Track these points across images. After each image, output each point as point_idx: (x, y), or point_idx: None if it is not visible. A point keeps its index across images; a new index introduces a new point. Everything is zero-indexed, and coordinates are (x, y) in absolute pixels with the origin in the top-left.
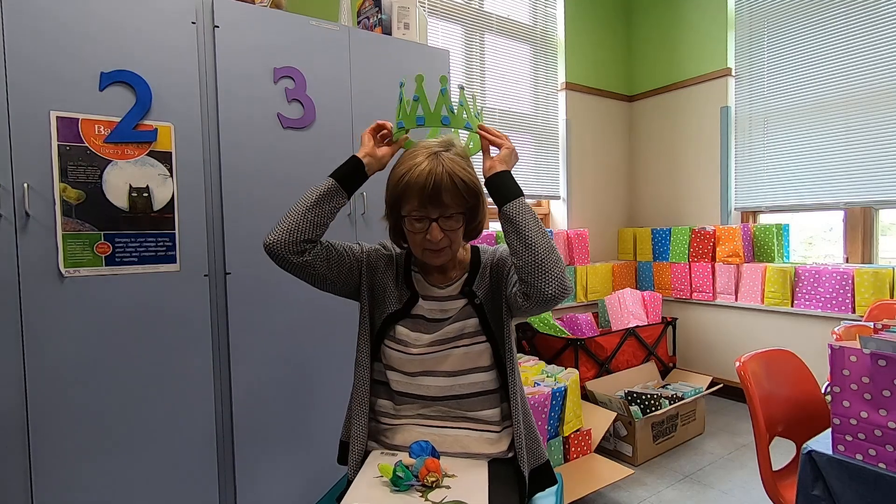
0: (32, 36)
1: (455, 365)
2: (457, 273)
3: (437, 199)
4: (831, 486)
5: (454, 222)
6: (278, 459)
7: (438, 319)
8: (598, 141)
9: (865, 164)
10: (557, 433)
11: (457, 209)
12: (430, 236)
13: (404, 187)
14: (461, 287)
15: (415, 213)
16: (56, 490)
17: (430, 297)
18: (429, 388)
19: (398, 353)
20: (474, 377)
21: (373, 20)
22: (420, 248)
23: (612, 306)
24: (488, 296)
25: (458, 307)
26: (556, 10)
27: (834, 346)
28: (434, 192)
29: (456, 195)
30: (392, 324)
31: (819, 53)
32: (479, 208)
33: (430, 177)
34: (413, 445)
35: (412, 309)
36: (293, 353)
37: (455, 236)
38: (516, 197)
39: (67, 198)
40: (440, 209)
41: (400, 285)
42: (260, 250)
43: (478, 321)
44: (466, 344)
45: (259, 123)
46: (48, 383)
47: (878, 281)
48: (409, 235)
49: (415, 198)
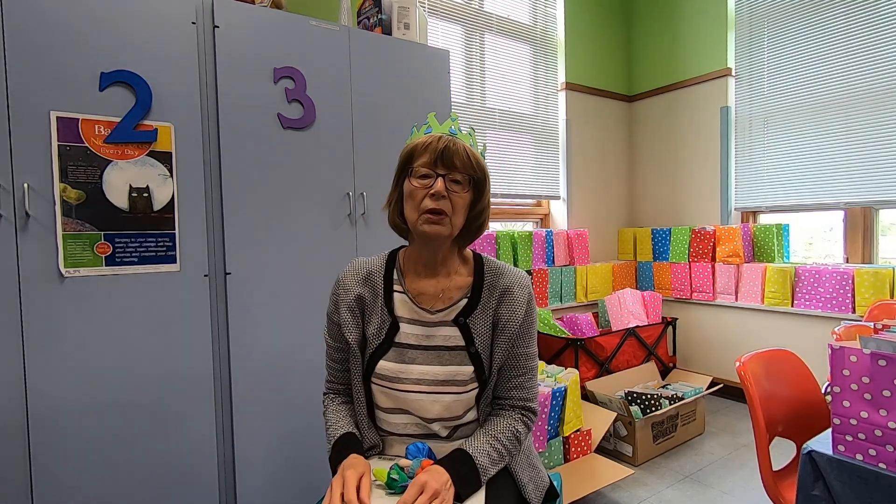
0: (32, 36)
1: (440, 413)
2: (454, 293)
3: (448, 160)
4: (831, 486)
5: (460, 187)
6: (278, 459)
7: (425, 347)
8: (598, 141)
9: (865, 164)
10: (557, 433)
11: (465, 174)
12: (433, 190)
13: (418, 145)
14: (455, 314)
15: (423, 169)
16: (56, 490)
17: (417, 321)
18: (416, 426)
19: (384, 389)
20: (463, 419)
21: (373, 20)
22: (418, 213)
23: (612, 306)
24: (486, 342)
25: (449, 335)
26: (556, 10)
27: (834, 346)
28: (446, 152)
29: (466, 162)
30: (375, 361)
31: (819, 53)
32: (485, 189)
33: (443, 140)
34: (410, 447)
35: (395, 337)
36: (293, 352)
37: (457, 205)
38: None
39: (67, 198)
40: (448, 169)
41: (380, 310)
42: (260, 250)
43: (472, 370)
44: (456, 392)
45: (259, 123)
46: (48, 383)
47: (878, 281)
48: (409, 198)
49: (427, 154)
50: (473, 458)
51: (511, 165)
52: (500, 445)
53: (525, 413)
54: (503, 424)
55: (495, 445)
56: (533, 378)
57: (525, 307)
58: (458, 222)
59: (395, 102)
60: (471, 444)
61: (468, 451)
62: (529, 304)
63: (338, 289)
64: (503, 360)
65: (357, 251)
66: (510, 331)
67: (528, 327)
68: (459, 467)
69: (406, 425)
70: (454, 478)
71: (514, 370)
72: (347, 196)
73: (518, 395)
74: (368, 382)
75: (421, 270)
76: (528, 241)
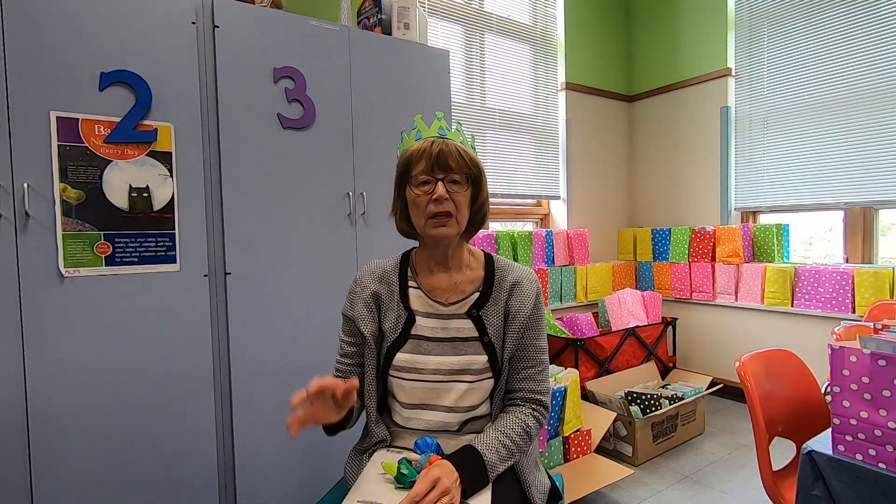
0: (32, 36)
1: (456, 400)
2: (466, 286)
3: (444, 163)
4: (831, 486)
5: (459, 187)
6: (278, 459)
7: (440, 339)
8: (598, 141)
9: (865, 164)
10: (557, 433)
11: (462, 173)
12: (435, 195)
13: (413, 153)
14: (468, 307)
15: (422, 176)
16: (56, 490)
17: (432, 314)
18: (429, 422)
19: (401, 381)
20: (476, 412)
21: (373, 20)
22: (424, 218)
23: (612, 306)
24: (498, 333)
25: (462, 327)
26: (556, 10)
27: (834, 346)
28: (440, 156)
29: (461, 161)
30: (393, 354)
31: (819, 53)
32: (482, 183)
33: (436, 145)
34: (418, 441)
35: (411, 330)
36: (293, 352)
37: (460, 204)
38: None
39: (67, 198)
40: (445, 171)
41: (396, 305)
42: (260, 250)
43: (486, 359)
44: (470, 381)
45: (259, 123)
46: (48, 383)
47: (878, 281)
48: (414, 206)
49: (422, 161)
50: (482, 454)
51: (511, 165)
52: (509, 441)
53: (536, 407)
54: (513, 419)
55: (504, 441)
56: (543, 372)
57: (534, 299)
58: (464, 220)
59: (395, 102)
60: (480, 441)
61: (477, 448)
62: (538, 297)
63: (355, 286)
64: (514, 350)
65: (357, 251)
66: (520, 320)
67: (538, 320)
68: (469, 463)
69: (420, 420)
70: (462, 475)
71: (524, 361)
72: (347, 196)
73: (529, 388)
74: (385, 377)
75: (433, 268)
76: (528, 241)
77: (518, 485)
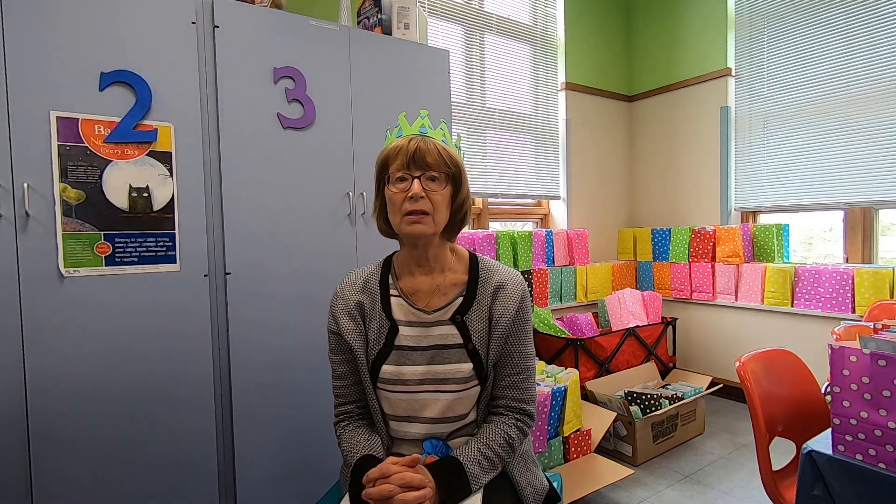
0: (32, 36)
1: (443, 411)
2: (449, 289)
3: (422, 160)
4: (831, 486)
5: (438, 185)
6: (278, 460)
7: (424, 347)
8: (598, 141)
9: (865, 164)
10: (557, 433)
11: (439, 171)
12: (411, 193)
13: (390, 151)
14: (451, 313)
15: (398, 173)
16: (56, 490)
17: (415, 322)
18: (416, 434)
19: (387, 394)
20: (463, 420)
21: (373, 20)
22: (401, 216)
23: (612, 306)
24: (483, 338)
25: (446, 334)
26: (556, 10)
27: (834, 346)
28: (418, 153)
29: (439, 159)
30: (379, 366)
31: (819, 53)
32: (462, 181)
33: (414, 142)
34: (425, 443)
35: (395, 340)
36: (293, 352)
37: (437, 203)
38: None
39: (67, 198)
40: (423, 169)
41: (379, 315)
42: (260, 250)
43: (472, 367)
44: (456, 391)
45: (259, 123)
46: (48, 383)
47: (878, 281)
48: (391, 203)
49: (400, 158)
50: (463, 465)
51: (511, 165)
52: (491, 453)
53: (520, 417)
54: (495, 431)
55: (486, 453)
56: (529, 380)
57: (518, 303)
58: (441, 219)
59: (394, 102)
60: (462, 453)
61: (459, 460)
62: (523, 300)
63: (336, 301)
64: (498, 355)
65: (357, 251)
66: (503, 325)
67: (523, 324)
68: (447, 475)
69: (408, 433)
70: (440, 485)
71: (507, 367)
72: (347, 196)
73: (512, 396)
74: (374, 389)
75: (414, 270)
76: (527, 241)
77: (511, 487)
